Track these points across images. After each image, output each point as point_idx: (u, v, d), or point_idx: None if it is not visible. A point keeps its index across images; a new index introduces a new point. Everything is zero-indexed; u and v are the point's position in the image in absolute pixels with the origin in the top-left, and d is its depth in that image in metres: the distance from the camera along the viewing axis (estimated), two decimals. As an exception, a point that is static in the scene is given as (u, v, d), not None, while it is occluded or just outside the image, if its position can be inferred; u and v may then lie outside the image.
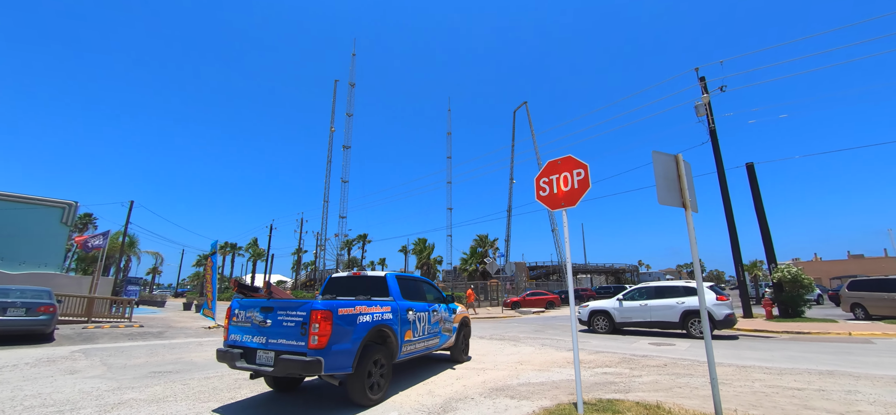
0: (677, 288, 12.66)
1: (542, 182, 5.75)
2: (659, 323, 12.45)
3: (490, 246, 43.77)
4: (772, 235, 17.02)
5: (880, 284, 15.10)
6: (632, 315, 12.99)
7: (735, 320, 11.98)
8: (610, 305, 13.53)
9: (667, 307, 12.30)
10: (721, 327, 11.55)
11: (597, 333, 13.42)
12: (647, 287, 13.45)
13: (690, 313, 11.83)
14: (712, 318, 11.39)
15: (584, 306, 14.38)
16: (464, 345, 9.04)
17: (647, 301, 12.82)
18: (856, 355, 8.37)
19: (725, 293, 12.13)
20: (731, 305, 11.95)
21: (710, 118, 18.88)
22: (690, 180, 4.77)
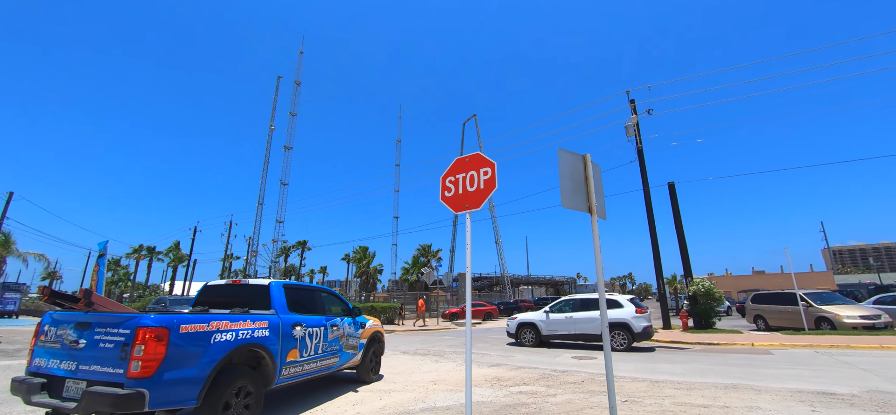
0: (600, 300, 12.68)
1: (448, 181, 5.10)
2: (583, 335, 12.44)
3: (432, 256, 43.15)
4: (689, 250, 18.06)
5: (778, 298, 16.46)
6: (558, 328, 12.89)
7: (653, 331, 12.27)
8: (537, 318, 13.35)
9: (590, 320, 12.35)
10: (639, 339, 11.74)
11: (524, 346, 13.14)
12: (573, 299, 13.45)
13: (613, 326, 11.94)
14: (631, 330, 11.61)
15: (512, 319, 14.08)
16: (373, 363, 8.14)
17: (572, 314, 12.78)
18: (757, 366, 8.65)
19: (643, 306, 12.46)
20: (649, 318, 12.21)
21: (638, 138, 19.80)
22: (599, 184, 4.36)
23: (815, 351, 10.61)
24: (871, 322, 13.37)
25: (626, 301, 12.29)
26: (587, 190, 4.05)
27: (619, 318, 11.84)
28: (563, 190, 3.85)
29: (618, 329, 11.81)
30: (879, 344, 10.74)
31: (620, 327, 11.80)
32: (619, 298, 12.54)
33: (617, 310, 12.06)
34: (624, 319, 11.76)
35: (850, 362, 8.79)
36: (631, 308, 11.95)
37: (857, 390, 6.39)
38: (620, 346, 11.70)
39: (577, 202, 3.93)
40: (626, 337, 11.69)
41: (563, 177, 3.91)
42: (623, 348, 11.66)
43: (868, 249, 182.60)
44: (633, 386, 7.14)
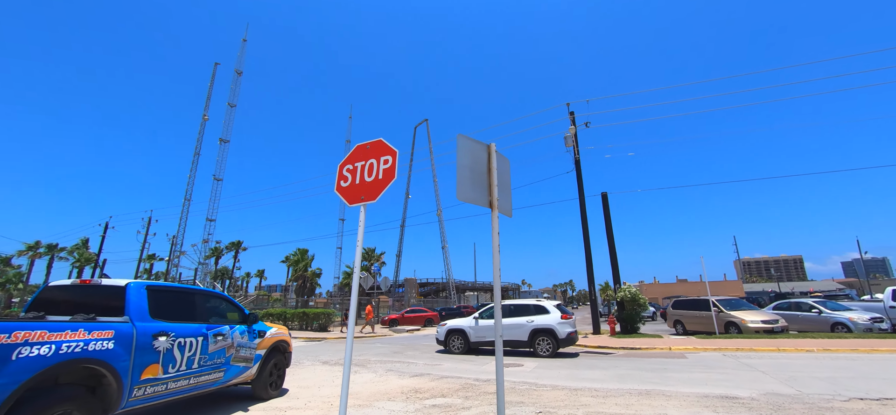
0: (528, 307, 12.80)
1: (345, 170, 4.49)
2: (510, 342, 12.31)
3: (375, 260, 41.89)
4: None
5: (695, 304, 17.60)
6: (486, 334, 12.67)
7: (577, 337, 12.53)
8: (466, 325, 13.05)
9: (517, 326, 12.24)
10: (564, 345, 11.85)
11: (452, 353, 12.79)
12: (503, 304, 13.30)
13: (539, 332, 11.96)
14: (556, 336, 11.68)
15: (441, 326, 13.71)
16: (275, 377, 7.22)
17: (502, 320, 12.60)
18: (671, 370, 8.87)
19: (569, 312, 12.72)
20: (573, 324, 12.40)
21: (576, 149, 20.41)
22: (506, 179, 3.96)
23: (723, 354, 11.24)
24: (771, 326, 14.60)
25: (553, 307, 12.39)
26: (489, 183, 3.62)
27: (545, 324, 11.87)
28: (461, 180, 3.39)
29: (543, 335, 11.81)
30: (776, 347, 11.63)
31: (546, 334, 11.79)
32: (546, 304, 12.59)
33: (543, 316, 12.11)
34: (550, 325, 11.80)
35: (752, 365, 9.32)
36: (556, 314, 12.03)
37: (756, 393, 6.62)
38: (545, 351, 11.74)
39: (477, 195, 3.48)
40: (552, 343, 11.72)
41: (462, 167, 3.45)
42: (548, 354, 11.66)
43: (770, 261, 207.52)
44: (552, 395, 6.91)
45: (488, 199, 3.57)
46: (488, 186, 3.61)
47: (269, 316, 26.17)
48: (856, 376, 7.68)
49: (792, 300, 17.14)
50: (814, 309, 15.56)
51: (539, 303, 12.73)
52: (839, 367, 8.69)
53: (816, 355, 10.60)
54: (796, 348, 11.35)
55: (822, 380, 7.41)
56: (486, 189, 3.59)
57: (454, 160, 3.45)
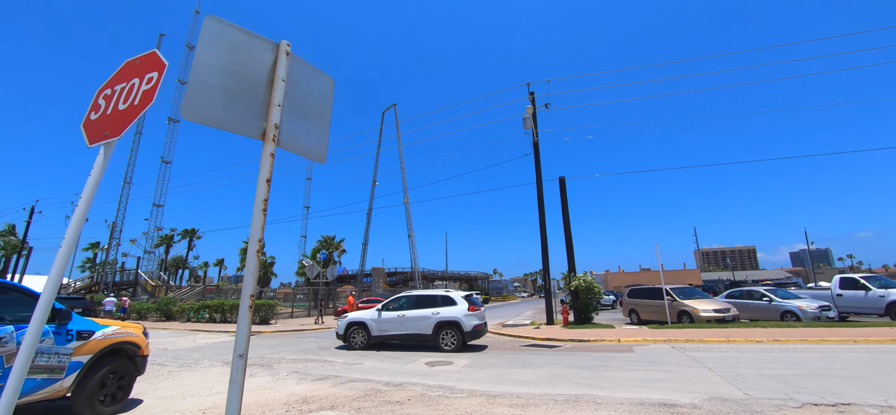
0: (435, 298, 11.86)
1: (102, 96, 2.93)
2: (414, 336, 11.38)
3: (335, 248, 39.93)
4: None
5: (649, 293, 17.03)
6: (389, 327, 11.57)
7: (484, 330, 11.80)
8: (368, 317, 11.84)
9: (422, 318, 11.33)
10: (470, 339, 11.13)
11: (354, 349, 11.59)
12: (408, 296, 12.28)
13: (444, 325, 11.09)
14: (462, 328, 10.94)
15: (342, 318, 12.37)
16: (114, 388, 5.66)
17: (405, 312, 11.62)
18: (613, 367, 7.88)
19: (478, 303, 11.87)
20: (481, 316, 11.58)
21: (535, 131, 19.33)
22: (320, 105, 2.55)
23: (672, 346, 10.45)
24: (722, 315, 14.10)
25: (461, 298, 11.59)
26: (268, 101, 2.19)
27: (451, 316, 11.08)
28: (199, 87, 1.95)
29: (449, 328, 11.05)
30: (726, 337, 10.97)
31: (452, 326, 11.03)
32: (454, 294, 11.78)
33: (450, 308, 11.31)
34: (456, 317, 11.05)
35: (700, 360, 8.47)
36: (464, 306, 11.27)
37: (699, 398, 5.61)
38: (450, 346, 10.90)
39: (233, 116, 2.05)
40: (457, 336, 10.95)
41: (209, 68, 2.01)
42: (453, 348, 10.84)
43: (727, 251, 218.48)
44: (464, 404, 5.67)
45: (261, 126, 2.14)
46: (266, 106, 2.18)
47: (206, 308, 24.01)
48: (808, 373, 6.86)
49: (744, 289, 16.86)
50: (765, 298, 15.24)
51: (447, 294, 11.83)
52: (790, 362, 7.93)
53: (767, 346, 9.95)
54: (747, 339, 10.70)
55: (772, 378, 6.53)
56: (259, 109, 2.15)
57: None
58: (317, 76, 2.57)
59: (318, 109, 2.54)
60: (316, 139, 2.49)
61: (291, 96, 2.37)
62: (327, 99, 2.64)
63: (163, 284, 41.27)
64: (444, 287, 75.84)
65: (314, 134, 2.48)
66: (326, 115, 2.60)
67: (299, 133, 2.38)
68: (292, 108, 2.36)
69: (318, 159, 2.52)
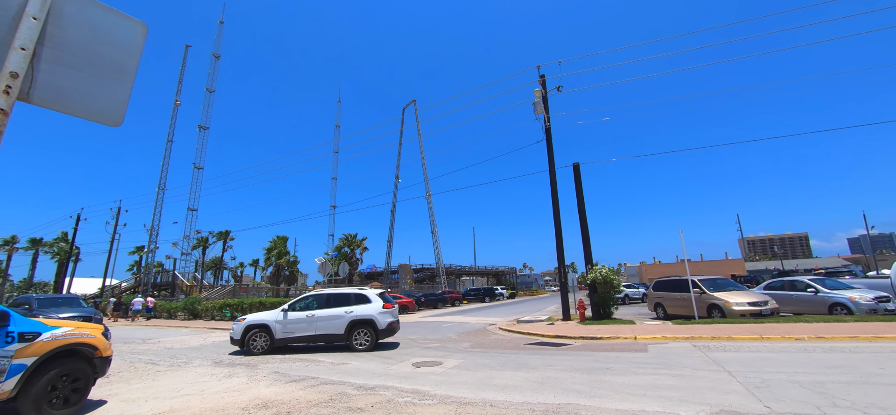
0: (349, 295, 11.25)
1: None
2: (325, 337, 10.82)
3: (357, 245, 40.14)
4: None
5: (676, 285, 15.58)
6: (296, 329, 10.79)
7: (397, 327, 11.40)
8: (271, 319, 10.87)
9: (334, 318, 10.83)
10: (384, 336, 10.92)
11: (254, 354, 10.50)
12: (317, 295, 11.47)
13: (358, 324, 10.72)
14: (376, 327, 10.70)
15: (238, 321, 11.05)
16: (68, 391, 5.49)
17: (315, 311, 10.92)
18: (615, 371, 6.95)
19: (392, 301, 11.55)
20: (395, 314, 11.28)
21: (546, 116, 18.23)
22: (122, 56, 1.95)
23: (693, 345, 9.29)
24: (758, 309, 12.60)
25: (375, 296, 11.24)
26: (10, 43, 1.62)
27: (366, 314, 10.75)
28: None
29: (363, 327, 10.73)
30: (759, 334, 9.65)
31: (366, 325, 10.72)
32: (368, 292, 11.36)
33: (365, 306, 10.93)
34: (370, 315, 10.75)
35: (723, 360, 7.37)
36: (378, 303, 10.99)
37: (706, 411, 4.67)
38: (364, 345, 10.58)
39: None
40: (371, 335, 10.65)
41: None
42: (366, 348, 10.54)
43: (775, 239, 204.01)
44: (428, 413, 5.03)
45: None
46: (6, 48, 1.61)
47: (228, 306, 24.58)
48: (852, 379, 5.69)
49: (786, 279, 15.08)
50: (810, 288, 13.50)
51: (361, 291, 11.35)
52: (832, 365, 6.70)
53: (807, 345, 8.61)
54: (784, 336, 9.36)
55: (804, 387, 5.44)
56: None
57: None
58: (113, 18, 1.97)
59: (113, 59, 1.94)
60: (103, 97, 1.88)
61: (58, 41, 1.78)
62: (131, 49, 2.02)
63: (197, 284, 43.09)
64: (472, 283, 75.33)
65: (100, 90, 1.88)
66: (128, 68, 1.99)
67: (71, 88, 1.79)
68: (59, 55, 1.77)
69: (110, 122, 1.92)
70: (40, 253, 56.08)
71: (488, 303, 41.30)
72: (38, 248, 55.56)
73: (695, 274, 17.11)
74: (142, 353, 11.81)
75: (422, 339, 13.13)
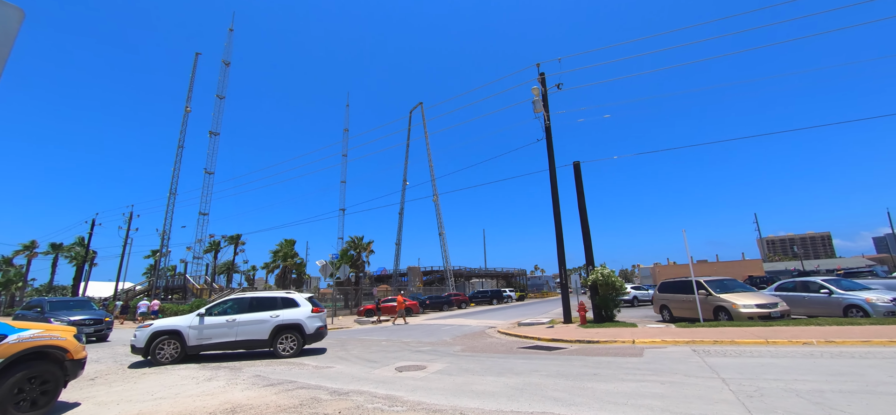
0: (275, 299, 10.88)
1: None
2: (246, 343, 10.32)
3: (364, 249, 40.14)
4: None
5: (681, 287, 15.02)
6: (214, 335, 10.09)
7: (325, 332, 11.20)
8: (185, 324, 10.05)
9: (258, 322, 10.38)
10: (311, 342, 10.76)
11: (161, 363, 9.62)
12: (239, 299, 10.89)
13: (284, 328, 10.41)
14: (304, 331, 10.50)
15: (142, 326, 10.09)
16: (37, 393, 5.48)
17: (236, 316, 10.36)
18: (602, 377, 6.60)
19: (321, 305, 11.31)
20: (323, 318, 11.06)
21: (546, 114, 17.87)
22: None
23: (692, 349, 8.84)
24: (767, 311, 12.01)
25: (304, 299, 10.98)
26: None
27: (293, 319, 10.49)
28: None
29: (289, 331, 10.45)
30: (765, 338, 9.14)
31: (293, 329, 10.47)
32: (296, 296, 11.01)
33: (292, 310, 10.66)
34: (298, 319, 10.50)
35: (720, 366, 6.95)
36: (307, 307, 10.77)
37: (687, 421, 4.32)
38: (289, 351, 10.29)
39: None
40: (297, 339, 10.43)
41: None
42: (292, 353, 10.29)
43: (796, 239, 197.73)
44: (392, 424, 4.78)
45: None
46: None
47: (232, 310, 24.73)
48: (856, 389, 5.23)
49: (798, 279, 14.37)
50: (823, 289, 12.83)
51: (289, 295, 11.04)
52: (837, 372, 6.23)
53: (814, 350, 8.09)
54: (790, 341, 8.84)
55: (801, 396, 5.02)
56: None
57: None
58: None
59: None
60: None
61: None
62: (5, 34, 1.87)
63: (207, 287, 43.70)
64: (481, 285, 74.78)
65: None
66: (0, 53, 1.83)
67: None
68: None
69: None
70: (60, 257, 57.85)
71: (495, 305, 40.85)
72: (58, 252, 57.23)
73: (709, 275, 16.52)
74: (136, 355, 11.84)
75: (415, 342, 12.90)
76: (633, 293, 27.97)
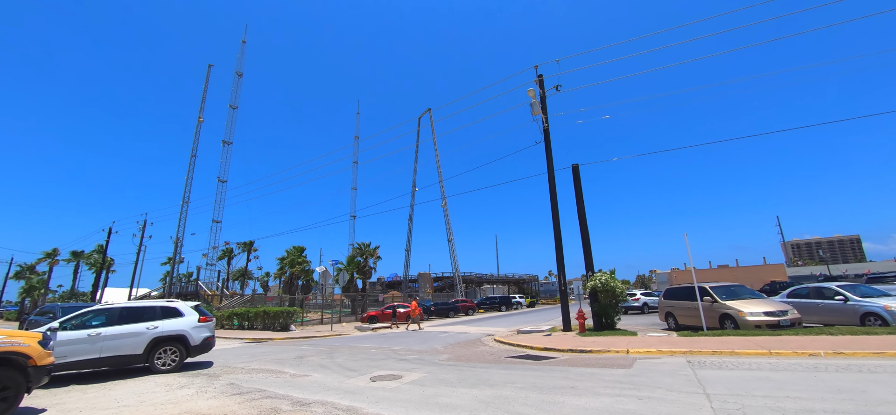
0: (154, 309, 9.90)
1: None
2: (115, 359, 9.10)
3: (371, 255, 40.14)
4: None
5: (686, 293, 14.36)
6: (72, 353, 8.65)
7: (213, 343, 10.51)
8: None
9: (130, 335, 9.26)
10: (196, 354, 10.04)
11: None
12: (108, 309, 9.74)
13: (163, 341, 9.51)
14: (187, 343, 9.76)
15: None
16: None
17: (102, 330, 9.09)
18: (578, 391, 6.20)
19: (209, 315, 10.62)
20: (211, 328, 10.33)
21: (545, 117, 17.50)
22: None
23: (687, 360, 8.31)
24: (776, 320, 11.31)
25: (188, 309, 10.17)
26: None
27: (176, 329, 9.65)
28: None
29: (170, 344, 9.58)
30: (768, 349, 8.55)
31: (175, 341, 9.62)
32: (178, 304, 10.21)
33: (175, 320, 9.82)
34: (181, 330, 9.69)
35: (709, 380, 6.46)
36: (192, 317, 10.04)
37: (653, 442, 3.93)
38: (168, 366, 9.43)
39: None
40: (179, 352, 9.62)
41: None
42: (172, 368, 9.48)
43: (823, 242, 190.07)
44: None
45: None
46: None
47: (236, 315, 24.95)
48: (851, 409, 4.69)
49: (812, 286, 13.53)
50: (838, 296, 12.04)
51: (170, 304, 10.21)
52: (837, 387, 5.69)
53: (820, 362, 7.49)
54: (796, 351, 8.23)
55: (787, 415, 4.55)
56: None
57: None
58: None
59: None
60: None
61: None
62: None
63: (218, 294, 44.38)
64: (492, 291, 74.03)
65: None
66: None
67: None
68: None
69: None
70: (81, 264, 59.77)
71: (503, 312, 40.23)
72: (79, 260, 59.15)
73: (729, 281, 15.76)
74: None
75: (404, 350, 12.63)
76: (643, 300, 27.05)
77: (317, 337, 18.88)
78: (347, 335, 19.51)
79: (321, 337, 18.87)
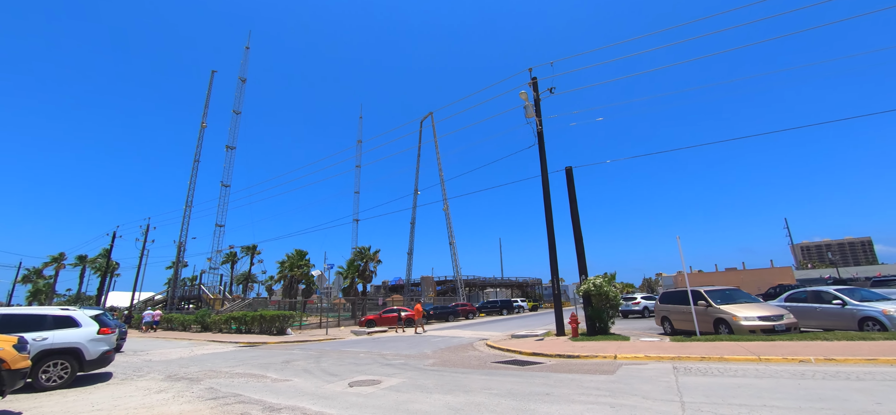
0: (44, 318, 8.94)
1: None
2: None
3: (371, 259, 40.10)
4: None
5: (681, 297, 14.11)
6: None
7: (112, 357, 9.52)
8: None
9: None
10: (93, 367, 9.03)
11: None
12: None
13: (51, 354, 8.52)
14: (82, 357, 8.77)
15: None
16: None
17: None
18: (553, 398, 6.08)
19: (113, 325, 9.60)
20: (111, 341, 9.37)
21: (538, 119, 17.40)
22: None
23: (673, 366, 8.14)
24: (771, 324, 11.08)
25: (87, 318, 9.29)
26: None
27: (69, 341, 8.70)
28: None
29: (60, 357, 8.61)
30: (757, 355, 8.34)
31: (66, 355, 8.66)
32: (76, 314, 9.28)
33: (68, 331, 8.86)
34: (75, 342, 8.74)
35: (689, 387, 6.31)
36: (91, 328, 9.08)
37: (612, 452, 3.81)
38: (55, 381, 8.44)
39: None
40: (71, 366, 8.65)
41: None
42: (58, 384, 8.44)
43: (834, 245, 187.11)
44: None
45: None
46: None
47: (234, 319, 25.01)
48: (827, 417, 4.56)
49: (810, 290, 13.25)
50: (836, 299, 11.77)
51: (65, 313, 9.22)
52: (820, 395, 5.51)
53: (809, 369, 7.29)
54: (785, 357, 8.02)
55: (759, 424, 4.40)
56: None
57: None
58: None
59: None
60: None
61: None
62: None
63: (220, 297, 44.62)
64: (495, 294, 73.65)
65: None
66: None
67: None
68: None
69: None
70: (87, 268, 60.47)
71: (504, 316, 40.00)
72: (85, 264, 59.86)
73: (735, 284, 15.48)
74: (113, 365, 11.91)
75: (392, 355, 12.54)
76: (643, 303, 26.74)
77: (311, 341, 18.85)
78: (341, 339, 19.46)
79: (315, 341, 18.84)
